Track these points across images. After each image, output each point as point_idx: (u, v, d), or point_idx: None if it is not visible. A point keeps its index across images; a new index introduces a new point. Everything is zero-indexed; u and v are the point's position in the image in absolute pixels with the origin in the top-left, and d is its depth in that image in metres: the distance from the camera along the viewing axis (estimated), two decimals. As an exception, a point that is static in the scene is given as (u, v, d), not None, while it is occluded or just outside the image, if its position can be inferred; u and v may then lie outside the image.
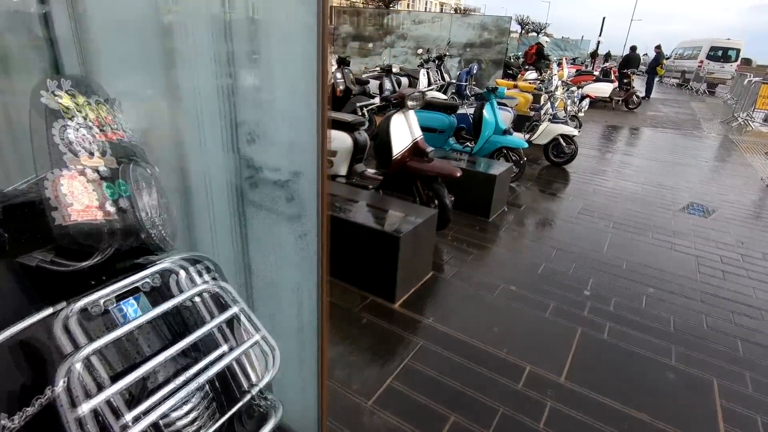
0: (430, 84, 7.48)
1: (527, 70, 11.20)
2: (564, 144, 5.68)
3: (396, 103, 3.25)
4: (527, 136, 5.62)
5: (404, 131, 3.26)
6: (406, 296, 2.65)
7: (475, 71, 6.31)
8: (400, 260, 2.47)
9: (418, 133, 3.34)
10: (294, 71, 1.15)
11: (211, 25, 1.29)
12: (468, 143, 4.95)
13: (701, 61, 19.12)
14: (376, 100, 3.62)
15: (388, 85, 7.12)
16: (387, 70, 7.29)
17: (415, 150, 3.30)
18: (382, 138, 3.22)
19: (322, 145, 1.17)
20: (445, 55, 8.48)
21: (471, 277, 2.94)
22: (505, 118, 5.22)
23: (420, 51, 8.80)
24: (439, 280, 2.88)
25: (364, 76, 7.90)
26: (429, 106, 5.00)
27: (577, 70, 14.27)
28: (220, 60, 1.30)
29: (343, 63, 6.25)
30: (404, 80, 8.01)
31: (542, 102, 5.66)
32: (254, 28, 1.18)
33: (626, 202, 4.63)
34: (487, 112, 4.68)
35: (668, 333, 2.50)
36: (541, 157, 5.98)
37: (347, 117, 3.51)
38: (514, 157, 4.80)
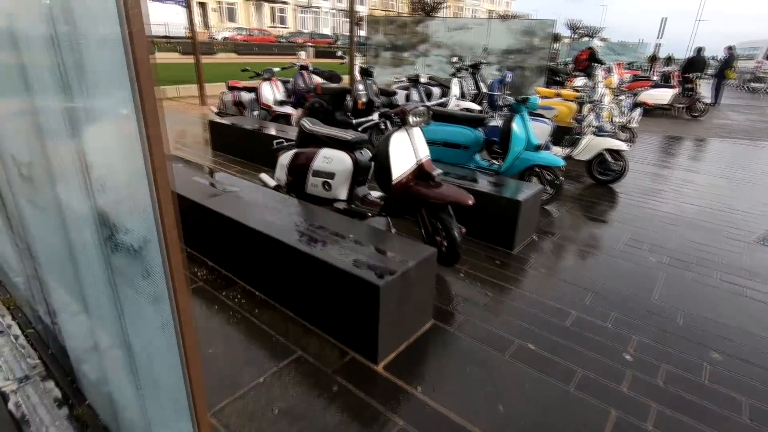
0: (463, 95, 6.94)
1: (576, 76, 10.36)
2: (611, 160, 4.98)
3: (397, 120, 2.81)
4: (567, 151, 4.97)
5: (407, 151, 2.81)
6: (393, 355, 2.18)
7: (509, 79, 5.70)
8: (383, 313, 2.01)
9: (424, 154, 2.88)
10: (112, 98, 0.76)
11: (40, 42, 0.95)
12: (494, 161, 4.40)
13: (758, 62, 18.56)
14: (375, 117, 3.18)
15: (415, 96, 6.67)
16: (414, 81, 6.85)
17: (420, 173, 2.84)
18: (380, 159, 2.78)
19: (159, 202, 0.76)
20: (480, 62, 7.90)
21: (479, 329, 2.43)
22: (541, 131, 4.62)
23: (454, 59, 8.28)
24: (439, 333, 2.38)
25: (393, 86, 7.50)
26: (453, 119, 4.52)
27: (633, 76, 13.16)
28: (56, 84, 0.94)
29: (366, 74, 5.88)
30: (436, 90, 7.52)
31: (584, 112, 4.99)
32: (64, 41, 0.83)
33: (686, 231, 3.90)
34: (516, 126, 4.12)
35: (740, 424, 1.86)
36: (583, 175, 5.30)
37: (347, 134, 3.10)
38: (548, 177, 4.20)
